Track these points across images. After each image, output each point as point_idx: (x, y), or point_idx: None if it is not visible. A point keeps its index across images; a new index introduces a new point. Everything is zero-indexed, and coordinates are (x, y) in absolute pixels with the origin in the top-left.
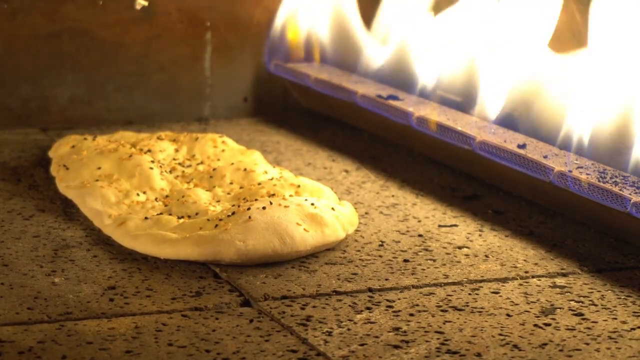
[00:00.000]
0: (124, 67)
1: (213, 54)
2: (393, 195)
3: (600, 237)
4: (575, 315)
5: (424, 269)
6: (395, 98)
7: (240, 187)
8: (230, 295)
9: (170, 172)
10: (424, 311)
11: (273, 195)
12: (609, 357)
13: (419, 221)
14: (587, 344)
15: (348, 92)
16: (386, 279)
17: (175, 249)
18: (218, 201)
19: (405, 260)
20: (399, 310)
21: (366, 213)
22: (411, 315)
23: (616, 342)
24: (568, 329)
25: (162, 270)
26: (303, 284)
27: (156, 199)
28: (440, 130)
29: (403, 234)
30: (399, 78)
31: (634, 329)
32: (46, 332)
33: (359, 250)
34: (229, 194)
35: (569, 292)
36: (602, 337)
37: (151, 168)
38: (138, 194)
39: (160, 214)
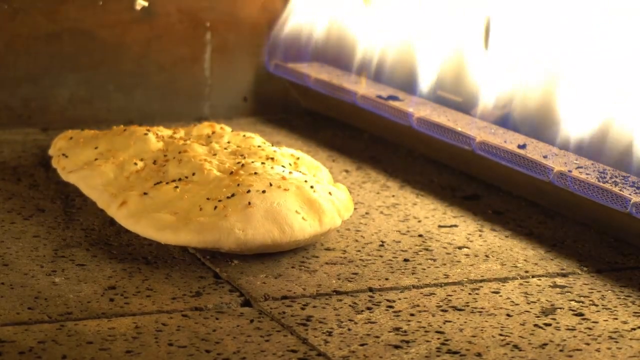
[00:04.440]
0: (124, 67)
1: (213, 54)
2: (393, 196)
3: (600, 237)
4: (576, 315)
5: (424, 269)
6: (395, 98)
7: (238, 147)
8: (230, 295)
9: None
10: (425, 311)
11: (272, 159)
12: (610, 357)
13: (419, 221)
14: (588, 344)
15: (348, 93)
16: (386, 279)
17: (175, 236)
18: (215, 154)
19: (406, 260)
20: (400, 310)
21: (366, 213)
22: (411, 315)
23: (617, 342)
24: (568, 329)
25: (162, 270)
26: (303, 284)
27: (154, 162)
28: (441, 130)
29: (403, 234)
30: (398, 78)
31: (634, 329)
32: (46, 332)
33: (359, 250)
34: (225, 149)
35: (569, 292)
36: (603, 337)
37: (146, 134)
38: (135, 163)
39: (159, 182)
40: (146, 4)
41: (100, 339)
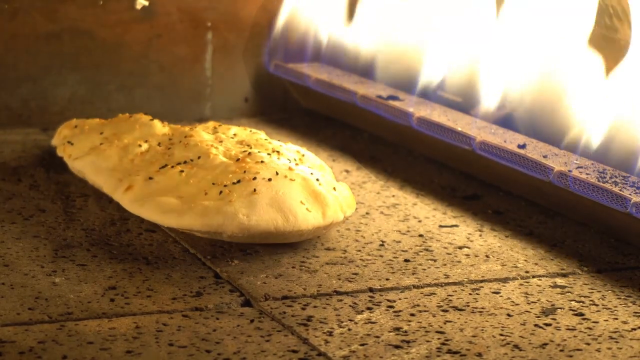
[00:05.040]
0: (124, 67)
1: (214, 54)
2: (393, 195)
3: (600, 237)
4: (576, 315)
5: (424, 269)
6: (395, 98)
7: (244, 139)
8: (230, 295)
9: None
10: (425, 311)
11: (278, 152)
12: (610, 357)
13: (420, 221)
14: (588, 344)
15: (348, 93)
16: (387, 279)
17: (179, 220)
18: (221, 142)
19: (406, 260)
20: (400, 310)
21: (367, 213)
22: (412, 315)
23: (617, 342)
24: (569, 329)
25: (163, 270)
26: (304, 284)
27: (159, 144)
28: (441, 130)
29: (404, 234)
30: (399, 78)
31: (634, 329)
32: (47, 332)
33: (359, 250)
34: (232, 138)
35: (570, 292)
36: (603, 337)
37: (151, 120)
38: (140, 145)
39: (164, 166)
40: (147, 3)
41: (100, 339)
